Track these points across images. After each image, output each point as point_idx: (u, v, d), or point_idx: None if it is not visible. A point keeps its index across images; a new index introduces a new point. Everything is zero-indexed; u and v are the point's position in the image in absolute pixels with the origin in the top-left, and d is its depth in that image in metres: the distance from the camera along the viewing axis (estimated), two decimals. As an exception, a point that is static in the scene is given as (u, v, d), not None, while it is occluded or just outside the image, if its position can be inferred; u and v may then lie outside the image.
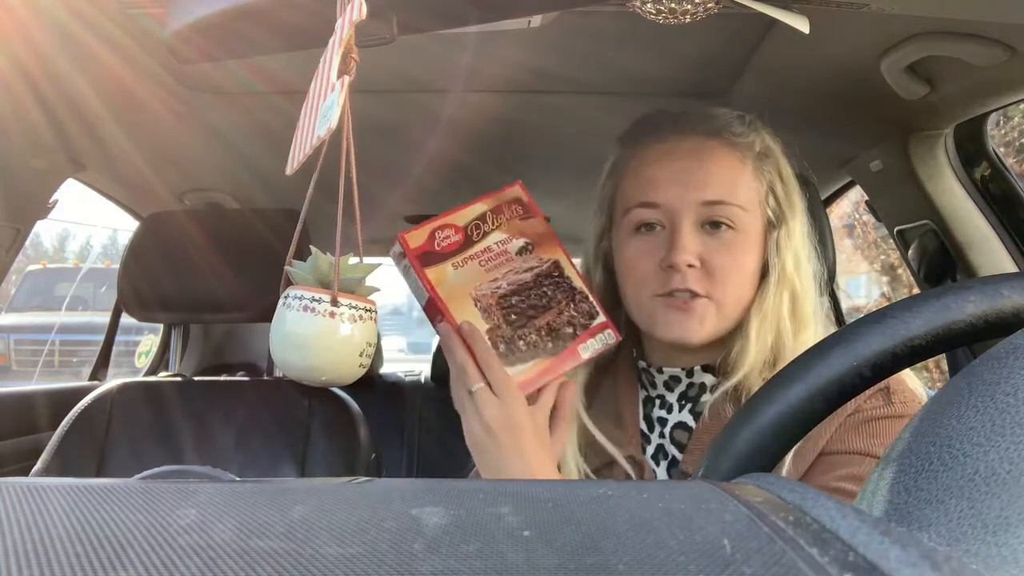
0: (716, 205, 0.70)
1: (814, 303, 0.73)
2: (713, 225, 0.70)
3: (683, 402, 0.75)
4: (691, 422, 0.74)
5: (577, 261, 0.75)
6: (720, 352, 0.73)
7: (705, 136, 0.73)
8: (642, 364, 0.78)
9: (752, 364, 0.69)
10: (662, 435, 0.75)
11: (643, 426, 0.76)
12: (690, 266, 0.69)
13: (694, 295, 0.69)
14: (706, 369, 0.74)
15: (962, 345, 0.33)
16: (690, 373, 0.75)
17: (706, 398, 0.74)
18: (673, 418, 0.75)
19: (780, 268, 0.72)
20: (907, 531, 0.21)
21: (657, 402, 0.77)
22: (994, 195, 1.15)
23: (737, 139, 0.73)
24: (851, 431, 0.66)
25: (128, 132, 1.26)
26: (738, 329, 0.72)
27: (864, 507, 0.28)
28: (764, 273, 0.73)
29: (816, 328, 0.72)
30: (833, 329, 0.58)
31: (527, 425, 0.63)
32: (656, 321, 0.71)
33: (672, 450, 0.74)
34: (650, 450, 0.75)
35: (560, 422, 0.67)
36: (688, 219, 0.70)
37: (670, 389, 0.76)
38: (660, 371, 0.76)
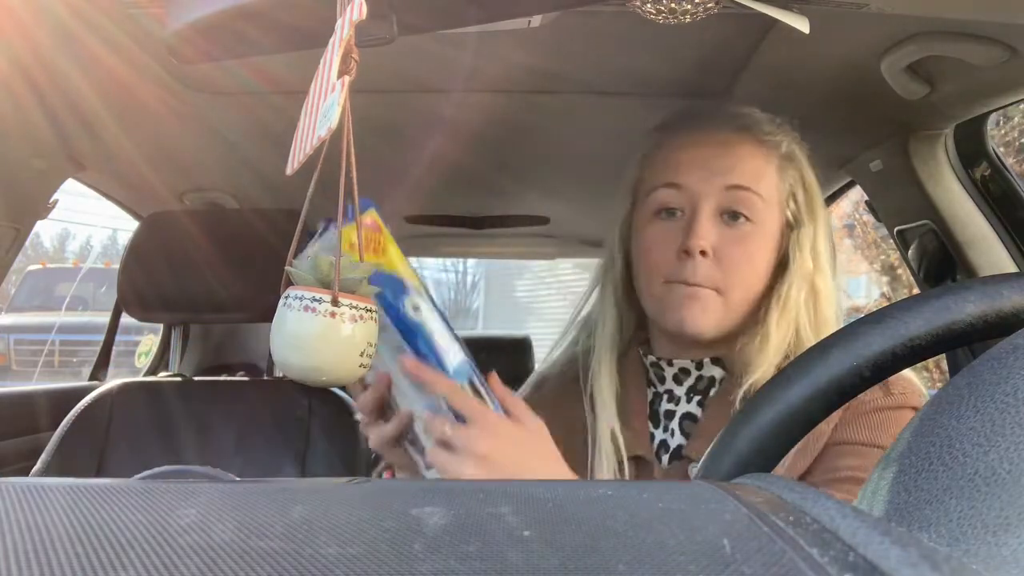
0: (739, 191, 0.71)
1: (836, 309, 0.74)
2: (732, 216, 0.71)
3: (691, 394, 0.75)
4: (698, 412, 0.74)
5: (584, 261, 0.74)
6: (730, 348, 0.73)
7: (734, 130, 0.74)
8: (651, 359, 0.78)
9: (772, 356, 0.69)
10: (666, 428, 0.75)
11: (649, 424, 0.76)
12: (703, 253, 0.69)
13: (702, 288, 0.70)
14: (715, 363, 0.75)
15: (962, 345, 0.33)
16: (700, 365, 0.75)
17: (715, 391, 0.74)
18: (680, 409, 0.75)
19: (800, 262, 0.72)
20: (907, 531, 0.21)
21: (664, 397, 0.77)
22: (994, 195, 1.15)
23: (765, 137, 0.74)
24: (853, 423, 0.67)
25: (128, 132, 1.25)
26: (750, 323, 0.72)
27: (864, 507, 0.28)
28: (781, 272, 0.73)
29: None
30: None
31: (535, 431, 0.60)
32: (663, 304, 0.72)
33: (679, 439, 0.74)
34: (654, 447, 0.76)
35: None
36: (709, 204, 0.71)
37: (679, 382, 0.76)
38: (670, 363, 0.76)
